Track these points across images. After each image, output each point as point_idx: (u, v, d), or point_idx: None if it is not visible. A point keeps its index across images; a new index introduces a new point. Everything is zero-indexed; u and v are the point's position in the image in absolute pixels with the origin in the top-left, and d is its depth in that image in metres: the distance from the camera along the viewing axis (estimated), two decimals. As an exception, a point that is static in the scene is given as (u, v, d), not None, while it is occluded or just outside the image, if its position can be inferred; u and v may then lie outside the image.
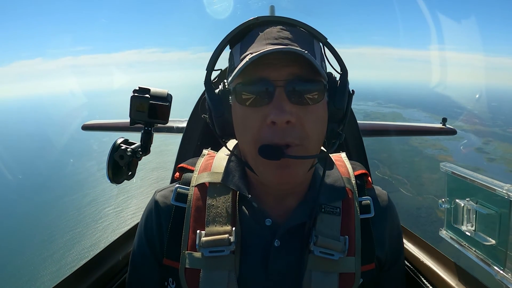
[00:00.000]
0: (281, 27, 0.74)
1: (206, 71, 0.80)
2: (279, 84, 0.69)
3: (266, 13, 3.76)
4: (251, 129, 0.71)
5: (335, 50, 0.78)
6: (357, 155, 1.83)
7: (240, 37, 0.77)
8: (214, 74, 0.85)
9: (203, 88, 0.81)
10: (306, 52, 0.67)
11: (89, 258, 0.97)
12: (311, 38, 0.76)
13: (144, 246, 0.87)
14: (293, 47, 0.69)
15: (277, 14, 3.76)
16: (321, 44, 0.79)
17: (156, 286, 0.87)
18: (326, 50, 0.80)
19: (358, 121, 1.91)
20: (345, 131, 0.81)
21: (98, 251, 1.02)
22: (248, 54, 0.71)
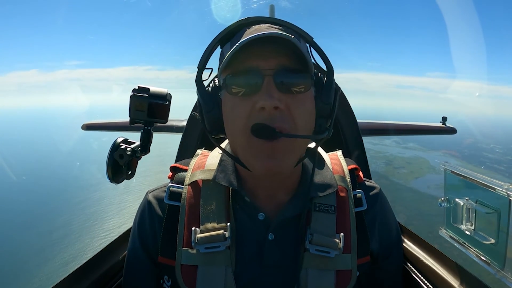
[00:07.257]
0: (269, 25, 0.76)
1: (197, 69, 0.81)
2: (268, 73, 0.71)
3: (266, 12, 3.75)
4: (240, 117, 0.73)
5: (321, 49, 0.79)
6: (357, 154, 1.83)
7: (230, 37, 0.79)
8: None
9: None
10: (292, 36, 0.68)
11: (89, 257, 0.97)
12: (298, 37, 0.78)
13: (138, 246, 0.89)
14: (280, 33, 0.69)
15: (277, 13, 3.75)
16: (307, 44, 0.80)
17: (151, 284, 0.88)
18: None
19: (358, 121, 1.91)
20: (345, 130, 0.81)
21: (98, 251, 1.02)
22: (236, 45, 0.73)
